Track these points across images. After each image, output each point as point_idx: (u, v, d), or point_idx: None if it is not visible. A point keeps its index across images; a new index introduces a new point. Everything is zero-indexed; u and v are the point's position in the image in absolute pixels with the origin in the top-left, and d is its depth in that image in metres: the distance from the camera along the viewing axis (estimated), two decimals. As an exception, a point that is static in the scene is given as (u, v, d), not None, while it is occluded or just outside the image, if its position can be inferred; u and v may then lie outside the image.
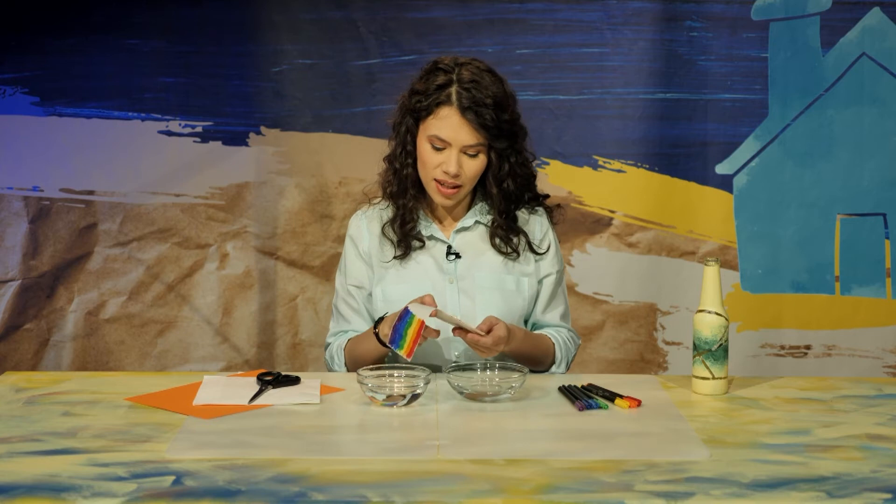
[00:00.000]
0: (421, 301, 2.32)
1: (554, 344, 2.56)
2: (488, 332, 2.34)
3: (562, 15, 3.73)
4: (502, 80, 2.47)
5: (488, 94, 2.42)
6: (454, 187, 2.46)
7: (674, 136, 3.76)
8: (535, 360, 2.51)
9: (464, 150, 2.43)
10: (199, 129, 3.77)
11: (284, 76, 3.76)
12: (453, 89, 2.42)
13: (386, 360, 2.50)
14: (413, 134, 2.49)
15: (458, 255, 2.54)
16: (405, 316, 2.28)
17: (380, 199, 2.61)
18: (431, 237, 2.55)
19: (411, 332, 2.27)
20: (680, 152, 3.78)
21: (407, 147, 2.50)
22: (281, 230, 3.82)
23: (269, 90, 3.77)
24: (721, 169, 3.79)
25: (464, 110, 2.41)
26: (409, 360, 2.30)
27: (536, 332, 2.59)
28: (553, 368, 2.56)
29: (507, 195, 2.52)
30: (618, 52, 3.73)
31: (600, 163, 3.78)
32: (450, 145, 2.43)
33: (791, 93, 3.74)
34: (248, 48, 3.75)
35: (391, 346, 2.31)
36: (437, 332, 2.32)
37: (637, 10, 3.71)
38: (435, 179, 2.46)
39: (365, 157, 3.71)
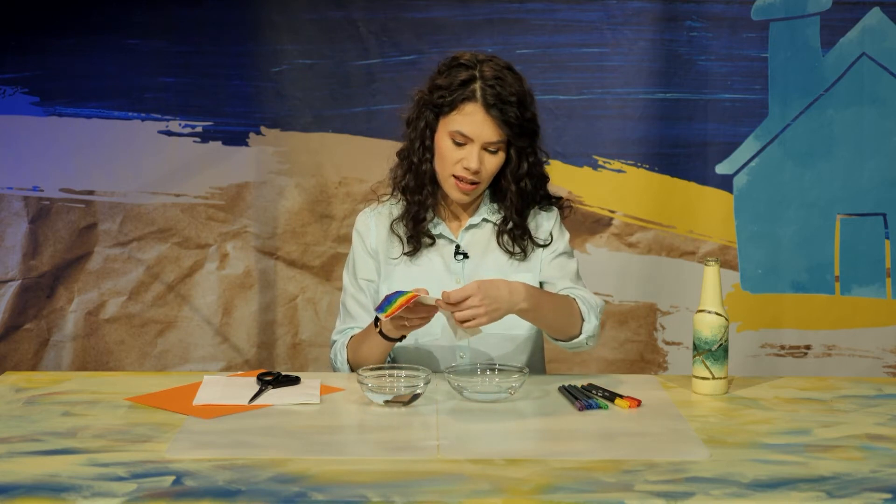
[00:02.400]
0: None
1: (575, 299, 2.44)
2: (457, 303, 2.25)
3: (562, 15, 3.73)
4: (522, 79, 2.47)
5: (512, 92, 2.41)
6: (472, 183, 2.45)
7: (674, 136, 3.76)
8: (560, 314, 2.39)
9: (485, 147, 2.43)
10: (199, 129, 3.77)
11: (284, 76, 3.76)
12: (478, 85, 2.41)
13: (387, 361, 2.50)
14: (432, 129, 2.47)
15: (465, 256, 2.53)
16: (404, 291, 2.25)
17: (388, 196, 2.60)
18: (441, 235, 2.55)
19: (400, 300, 2.23)
20: (680, 152, 3.78)
21: (426, 142, 2.48)
22: (281, 230, 3.82)
23: (269, 90, 3.77)
24: (721, 169, 3.78)
25: (489, 107, 2.40)
26: (384, 319, 2.27)
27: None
28: (585, 328, 2.42)
29: (523, 194, 2.50)
30: (618, 52, 3.73)
31: (600, 163, 3.78)
32: (472, 141, 2.42)
33: (791, 93, 3.74)
34: (248, 48, 3.75)
35: (377, 311, 2.27)
36: (423, 322, 2.29)
37: (637, 10, 3.71)
38: (453, 175, 2.45)
39: (365, 157, 3.71)
